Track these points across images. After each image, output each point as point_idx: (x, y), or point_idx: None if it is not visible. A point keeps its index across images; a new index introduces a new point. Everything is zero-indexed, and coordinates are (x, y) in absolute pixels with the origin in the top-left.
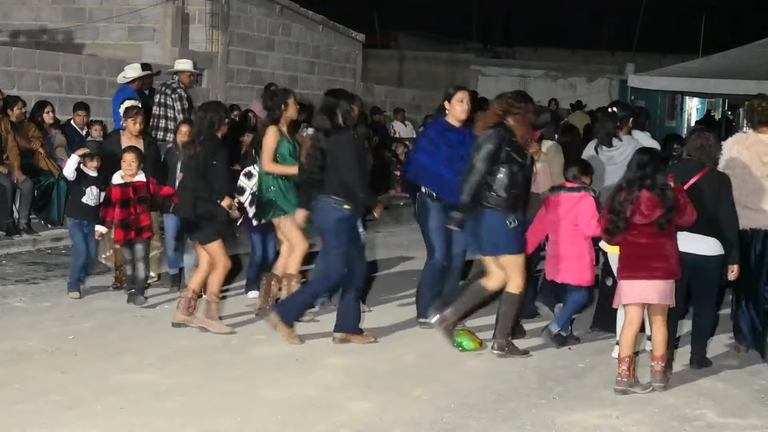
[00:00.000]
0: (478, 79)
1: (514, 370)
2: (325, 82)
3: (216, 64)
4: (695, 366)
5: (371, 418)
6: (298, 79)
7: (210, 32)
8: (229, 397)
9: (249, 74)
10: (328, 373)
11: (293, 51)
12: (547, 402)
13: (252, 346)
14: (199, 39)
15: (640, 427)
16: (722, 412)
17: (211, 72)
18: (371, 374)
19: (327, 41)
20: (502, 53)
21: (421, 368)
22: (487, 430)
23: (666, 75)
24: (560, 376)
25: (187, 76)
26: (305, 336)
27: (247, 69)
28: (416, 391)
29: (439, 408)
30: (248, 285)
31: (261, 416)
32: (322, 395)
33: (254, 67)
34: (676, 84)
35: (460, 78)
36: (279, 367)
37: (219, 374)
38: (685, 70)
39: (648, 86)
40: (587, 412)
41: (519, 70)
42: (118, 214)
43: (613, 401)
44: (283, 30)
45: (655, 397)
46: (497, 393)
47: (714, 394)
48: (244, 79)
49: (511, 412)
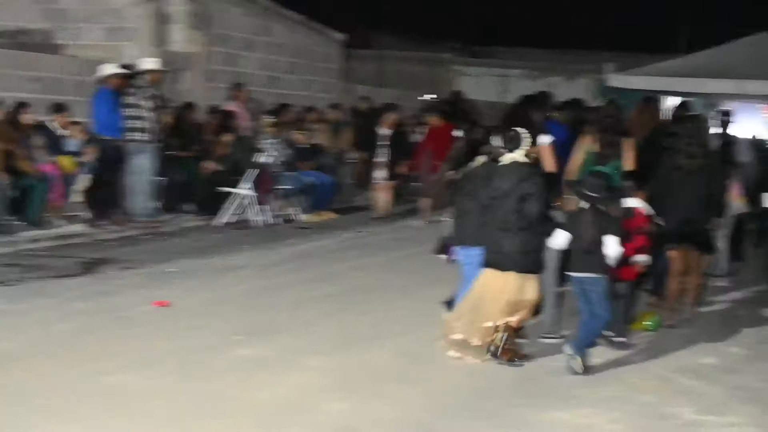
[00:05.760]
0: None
1: (493, 370)
2: (305, 83)
3: (196, 65)
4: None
5: (349, 419)
6: (279, 80)
7: (190, 33)
8: (207, 398)
9: (229, 75)
10: (306, 374)
11: (274, 51)
12: (526, 401)
13: (230, 348)
14: (178, 39)
15: (617, 425)
16: (699, 409)
17: (192, 73)
18: (349, 375)
19: (308, 41)
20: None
21: (399, 368)
22: (464, 428)
23: (645, 74)
24: (539, 374)
25: (154, 75)
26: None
27: (227, 69)
28: (394, 391)
29: (416, 407)
30: None
31: (238, 418)
32: (299, 396)
33: (235, 67)
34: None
35: (440, 78)
36: (257, 369)
37: (197, 376)
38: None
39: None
40: (565, 410)
41: (499, 70)
42: None
43: (590, 400)
44: (264, 30)
45: (632, 396)
46: (476, 392)
47: (691, 392)
48: (224, 80)
49: (489, 411)
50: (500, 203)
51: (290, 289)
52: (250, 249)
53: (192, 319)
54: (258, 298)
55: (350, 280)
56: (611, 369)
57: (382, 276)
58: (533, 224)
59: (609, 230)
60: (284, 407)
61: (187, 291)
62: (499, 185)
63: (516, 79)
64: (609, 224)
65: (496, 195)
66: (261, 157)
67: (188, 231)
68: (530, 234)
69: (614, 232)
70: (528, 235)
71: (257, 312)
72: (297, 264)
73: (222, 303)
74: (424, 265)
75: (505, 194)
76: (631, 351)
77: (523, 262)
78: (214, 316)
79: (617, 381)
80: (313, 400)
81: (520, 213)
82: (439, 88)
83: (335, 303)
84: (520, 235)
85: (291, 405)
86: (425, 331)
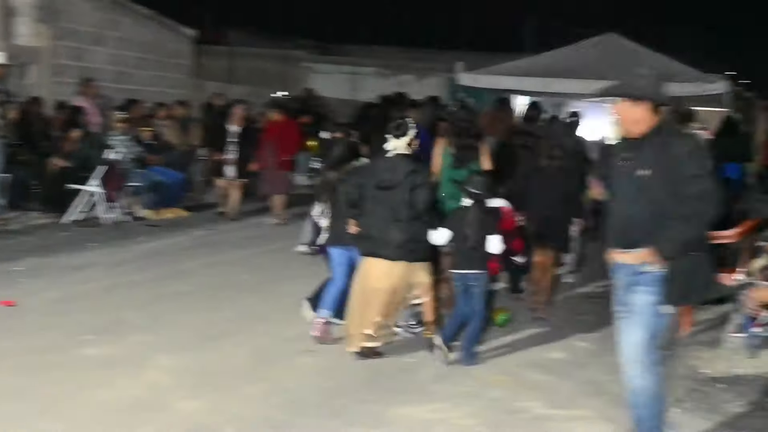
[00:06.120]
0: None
1: (345, 367)
2: (155, 78)
3: (42, 59)
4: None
5: (201, 417)
6: (128, 75)
7: (36, 26)
8: (54, 399)
9: (76, 69)
10: (158, 372)
11: (122, 46)
12: (378, 397)
13: (78, 347)
14: (24, 33)
15: (469, 420)
16: (548, 404)
17: (37, 67)
18: (201, 373)
19: (157, 37)
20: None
21: (251, 366)
22: (318, 426)
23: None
24: (391, 371)
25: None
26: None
27: (75, 64)
28: (247, 389)
29: (270, 405)
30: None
31: (87, 418)
32: (150, 395)
33: (82, 62)
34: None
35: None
36: (106, 368)
37: (44, 376)
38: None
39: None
40: (417, 406)
41: (350, 68)
42: None
43: (442, 395)
44: (112, 25)
45: (483, 391)
46: (328, 389)
47: (541, 387)
48: (71, 75)
49: (341, 407)
50: (388, 195)
51: (140, 288)
52: (98, 247)
53: (39, 319)
54: (107, 297)
55: (202, 278)
56: (463, 365)
57: (233, 274)
58: (422, 214)
59: (491, 228)
60: (135, 406)
61: (33, 290)
62: (386, 176)
63: (367, 77)
64: (492, 222)
65: (383, 186)
66: (110, 153)
67: (35, 229)
68: (419, 224)
69: (496, 231)
70: (417, 224)
71: (106, 311)
72: (147, 262)
73: (70, 302)
74: (276, 263)
75: (393, 185)
76: (483, 347)
77: (413, 252)
78: (61, 315)
79: (469, 377)
80: (164, 399)
81: (410, 203)
82: (290, 86)
83: (187, 301)
84: (410, 225)
85: (141, 404)
86: (277, 328)
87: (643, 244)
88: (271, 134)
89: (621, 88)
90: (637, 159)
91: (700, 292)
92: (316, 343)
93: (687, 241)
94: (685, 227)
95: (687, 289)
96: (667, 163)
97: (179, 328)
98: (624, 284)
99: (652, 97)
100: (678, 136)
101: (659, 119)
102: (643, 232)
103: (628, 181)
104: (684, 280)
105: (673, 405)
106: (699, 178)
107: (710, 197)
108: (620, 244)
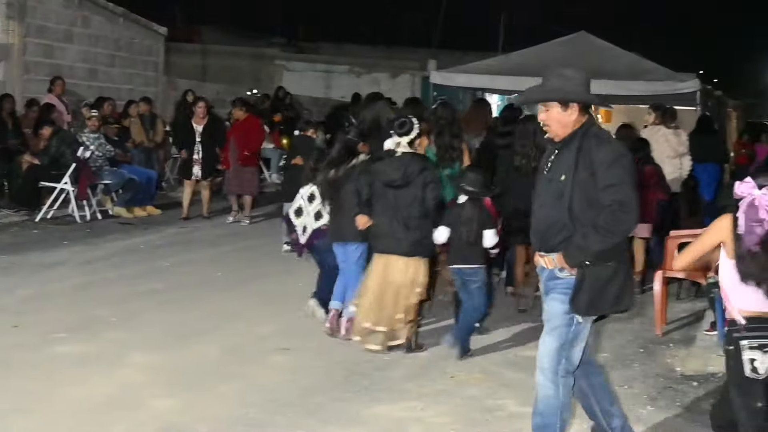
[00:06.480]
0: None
1: (320, 365)
2: (126, 76)
3: (12, 56)
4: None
5: (175, 416)
6: (99, 72)
7: (6, 23)
8: (27, 396)
9: (47, 66)
10: (131, 371)
11: (93, 43)
12: (353, 395)
13: (50, 345)
14: None
15: (444, 418)
16: (524, 401)
17: (7, 64)
18: (175, 371)
19: (128, 34)
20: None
21: (225, 364)
22: (292, 424)
23: (467, 72)
24: (366, 369)
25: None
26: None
27: (44, 61)
28: (221, 388)
29: (244, 404)
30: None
31: (60, 416)
32: (123, 393)
33: (52, 59)
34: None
35: (265, 73)
36: (79, 366)
37: (16, 373)
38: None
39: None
40: (392, 404)
41: (323, 66)
42: None
43: (417, 394)
44: (83, 22)
45: (458, 390)
46: (303, 388)
47: (517, 385)
48: (41, 72)
49: (316, 406)
50: (399, 193)
51: (113, 285)
52: (71, 245)
53: (9, 317)
54: (80, 295)
55: (175, 276)
56: (438, 363)
57: (207, 272)
58: (432, 211)
59: (487, 223)
60: (108, 404)
61: (5, 288)
62: (395, 175)
63: (340, 75)
64: (487, 217)
65: (393, 185)
66: (81, 151)
67: (5, 227)
68: (428, 221)
69: (491, 226)
70: (427, 222)
71: (79, 309)
72: (120, 260)
73: (41, 300)
74: (249, 261)
75: (405, 183)
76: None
77: (425, 248)
78: (32, 313)
79: (443, 375)
80: (137, 397)
81: (421, 201)
82: (264, 84)
83: (160, 299)
84: (422, 222)
85: (114, 402)
86: (251, 326)
87: (559, 249)
88: (234, 132)
89: (550, 92)
90: (557, 163)
91: (612, 302)
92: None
93: (597, 250)
94: (595, 236)
95: (597, 299)
96: (585, 169)
97: (153, 326)
98: (544, 288)
99: (583, 99)
100: (600, 141)
101: (585, 121)
102: (561, 238)
103: (547, 185)
104: (595, 289)
105: (647, 403)
106: (614, 187)
107: (626, 208)
108: (541, 248)
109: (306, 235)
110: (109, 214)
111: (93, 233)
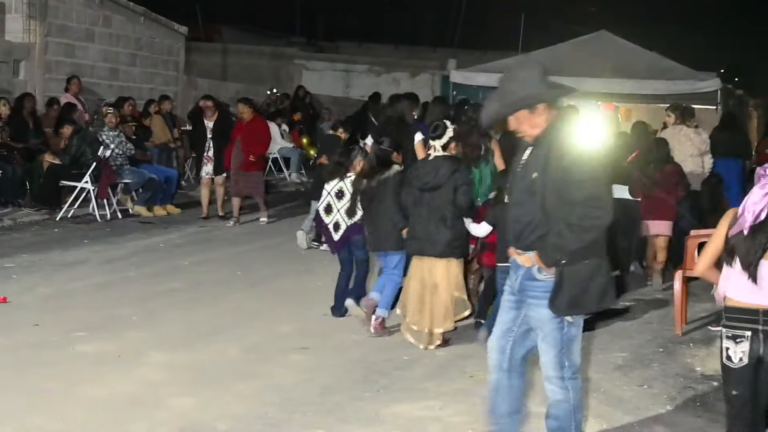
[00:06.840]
0: (302, 74)
1: (339, 364)
2: (147, 75)
3: (33, 56)
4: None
5: (194, 414)
6: (120, 72)
7: (27, 22)
8: (47, 395)
9: (68, 66)
10: (151, 369)
11: (114, 43)
12: (372, 395)
13: (71, 344)
14: (15, 29)
15: (462, 417)
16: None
17: (28, 63)
18: (195, 370)
19: (149, 33)
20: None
21: (244, 363)
22: (311, 423)
23: (486, 71)
24: (385, 368)
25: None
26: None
27: (66, 60)
28: (240, 386)
29: (263, 402)
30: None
31: (80, 414)
32: (144, 392)
33: (73, 58)
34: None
35: (284, 72)
36: (99, 364)
37: (37, 372)
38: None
39: (470, 82)
40: (411, 404)
41: (343, 65)
42: None
43: (436, 393)
44: (104, 21)
45: (477, 389)
46: (322, 386)
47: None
48: (63, 71)
49: (335, 405)
50: (433, 196)
51: (133, 284)
52: (91, 244)
53: (31, 315)
54: (100, 294)
55: (195, 275)
56: (457, 362)
57: (227, 270)
58: (465, 212)
59: None
60: (127, 403)
61: (25, 287)
62: (428, 179)
63: (359, 75)
64: None
65: (427, 188)
66: (102, 149)
67: (26, 225)
68: (461, 222)
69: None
70: (460, 223)
71: (99, 307)
72: (140, 259)
73: (63, 299)
74: (269, 260)
75: (437, 186)
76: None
77: (459, 248)
78: (54, 312)
79: (462, 374)
80: (156, 396)
81: (454, 203)
82: (283, 83)
83: (180, 298)
84: (455, 223)
85: (134, 401)
86: (271, 325)
87: (535, 247)
88: (238, 133)
89: (513, 104)
90: (529, 161)
91: (597, 300)
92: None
93: (571, 248)
94: (569, 234)
95: (579, 298)
96: (556, 166)
97: (172, 324)
98: (518, 285)
99: (546, 98)
100: (568, 138)
101: (555, 117)
102: (536, 236)
103: (521, 183)
104: (576, 288)
105: (666, 403)
106: (584, 183)
107: (597, 203)
108: (517, 246)
109: (340, 232)
110: (130, 213)
111: (113, 232)
